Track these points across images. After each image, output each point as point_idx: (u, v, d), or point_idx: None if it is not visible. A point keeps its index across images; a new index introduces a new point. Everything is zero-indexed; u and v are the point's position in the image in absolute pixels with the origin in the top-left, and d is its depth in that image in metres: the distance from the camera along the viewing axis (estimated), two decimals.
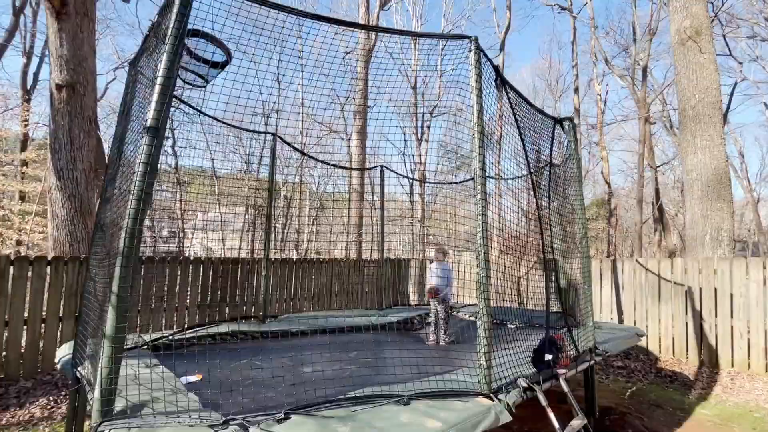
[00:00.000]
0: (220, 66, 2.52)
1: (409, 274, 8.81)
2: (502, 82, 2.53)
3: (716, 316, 5.28)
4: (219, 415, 1.60)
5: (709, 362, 5.30)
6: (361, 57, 11.86)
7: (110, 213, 2.54)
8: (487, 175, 2.25)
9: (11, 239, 12.22)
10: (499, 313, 5.16)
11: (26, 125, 13.34)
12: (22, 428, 3.44)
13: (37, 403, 3.88)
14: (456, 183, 6.00)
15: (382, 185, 5.32)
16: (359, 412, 1.69)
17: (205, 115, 3.22)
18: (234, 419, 1.55)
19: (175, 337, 3.07)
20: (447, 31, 20.34)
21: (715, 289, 5.31)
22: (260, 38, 2.43)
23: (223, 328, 3.47)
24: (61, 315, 4.51)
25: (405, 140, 20.47)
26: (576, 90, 16.34)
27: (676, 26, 6.46)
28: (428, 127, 21.18)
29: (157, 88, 1.72)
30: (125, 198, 1.91)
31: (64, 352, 2.66)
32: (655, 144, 19.02)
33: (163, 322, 5.26)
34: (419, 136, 20.30)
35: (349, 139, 13.31)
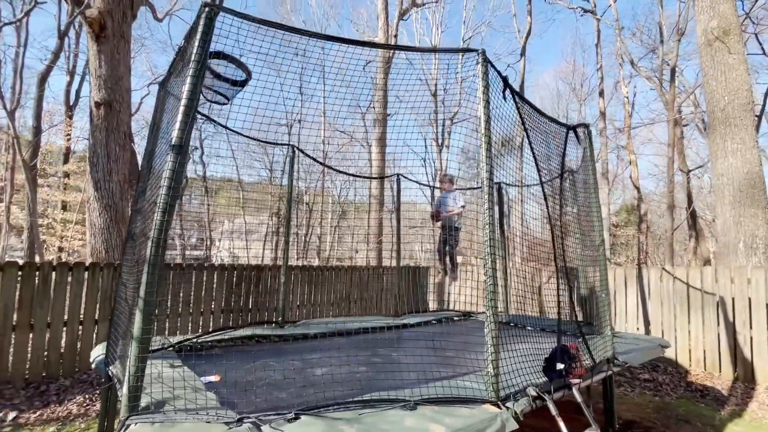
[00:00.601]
0: (240, 84, 2.68)
1: (428, 281, 8.82)
2: (511, 93, 2.56)
3: (751, 327, 5.02)
4: (234, 413, 1.71)
5: (744, 377, 5.03)
6: (380, 66, 12.06)
7: (140, 223, 2.73)
8: (507, 182, 2.28)
9: (54, 246, 13.04)
10: (520, 321, 5.11)
11: (68, 139, 14.27)
12: (60, 423, 3.69)
13: (74, 400, 4.14)
14: (470, 189, 5.99)
15: (398, 193, 5.40)
16: (366, 415, 1.76)
17: (226, 128, 3.41)
18: (248, 417, 1.65)
19: (199, 340, 3.22)
20: (467, 38, 20.37)
21: (749, 299, 5.06)
22: (286, 52, 2.57)
23: (242, 332, 3.62)
24: (96, 318, 4.80)
25: (426, 147, 20.56)
26: (601, 93, 15.95)
27: (703, 26, 6.26)
28: (449, 133, 21.18)
29: (181, 108, 1.87)
30: (153, 209, 2.07)
31: (98, 353, 2.86)
32: (689, 147, 18.26)
33: (190, 325, 5.50)
34: (440, 143, 20.32)
35: (370, 147, 13.47)
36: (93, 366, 2.85)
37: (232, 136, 5.30)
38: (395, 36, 12.73)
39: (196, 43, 1.95)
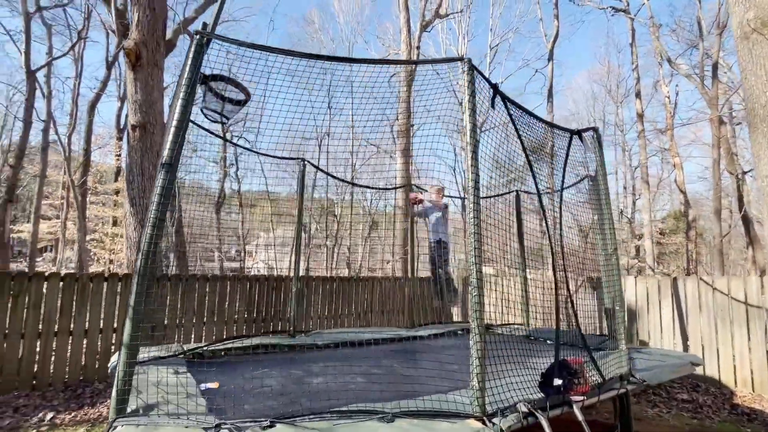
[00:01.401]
0: (241, 104, 2.83)
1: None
2: (502, 100, 2.53)
3: None
4: (213, 419, 1.77)
5: None
6: (404, 78, 12.20)
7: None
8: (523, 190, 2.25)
9: (104, 258, 14.09)
10: (542, 334, 4.90)
11: (118, 159, 15.49)
12: (90, 425, 3.95)
13: (105, 403, 4.43)
14: (492, 196, 5.86)
15: (411, 204, 5.39)
16: (341, 426, 1.76)
17: (235, 144, 3.59)
18: (225, 423, 1.71)
19: (209, 348, 3.36)
20: (494, 45, 20.16)
21: None
22: (313, 69, 2.69)
23: (252, 341, 3.73)
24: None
25: (455, 156, 20.38)
26: (638, 94, 15.17)
27: (738, 19, 5.83)
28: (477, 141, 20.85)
29: (172, 129, 2.01)
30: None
31: (115, 359, 3.05)
32: (745, 147, 16.84)
33: (214, 334, 5.73)
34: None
35: (392, 158, 13.56)
36: (109, 372, 3.04)
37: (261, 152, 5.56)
38: (418, 48, 12.85)
39: (188, 68, 2.10)
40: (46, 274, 4.83)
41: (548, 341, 4.51)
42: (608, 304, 3.99)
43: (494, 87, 2.48)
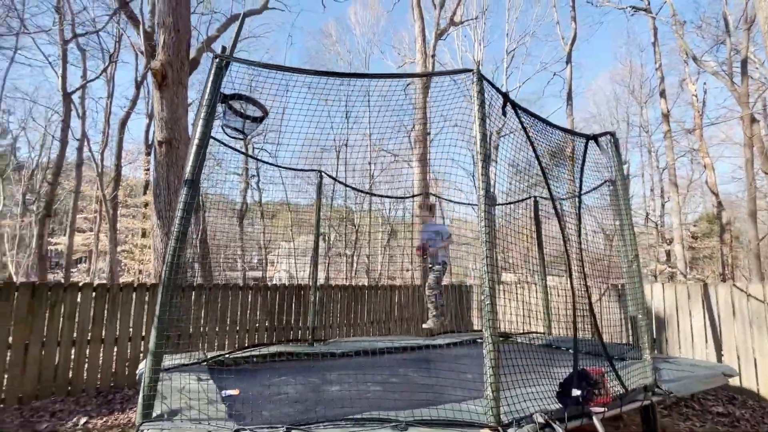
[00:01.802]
0: (259, 120, 2.95)
1: (472, 299, 8.59)
2: (513, 108, 2.54)
3: None
4: (233, 424, 1.84)
5: None
6: (420, 87, 12.28)
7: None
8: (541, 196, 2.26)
9: (134, 269, 14.67)
10: (563, 343, 4.79)
11: (146, 173, 16.17)
12: (120, 430, 4.11)
13: (134, 409, 4.59)
14: (510, 203, 5.80)
15: (431, 211, 5.41)
16: None
17: (251, 156, 3.72)
18: (243, 429, 1.77)
19: (231, 356, 3.46)
20: (511, 50, 20.04)
21: None
22: (330, 81, 2.79)
23: (272, 349, 3.81)
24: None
25: (474, 163, 20.23)
26: (662, 94, 14.72)
27: (765, 14, 5.64)
28: (496, 147, 20.70)
29: (193, 148, 2.13)
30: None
31: (143, 366, 3.19)
32: None
33: (236, 342, 5.87)
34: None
35: (410, 165, 13.61)
36: (137, 378, 3.17)
37: (281, 164, 5.73)
38: (433, 56, 12.93)
39: (208, 89, 2.22)
40: (80, 284, 5.09)
41: (569, 350, 4.40)
42: (632, 312, 3.88)
43: (504, 95, 2.50)
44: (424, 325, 3.38)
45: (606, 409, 2.36)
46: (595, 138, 3.06)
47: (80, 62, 13.06)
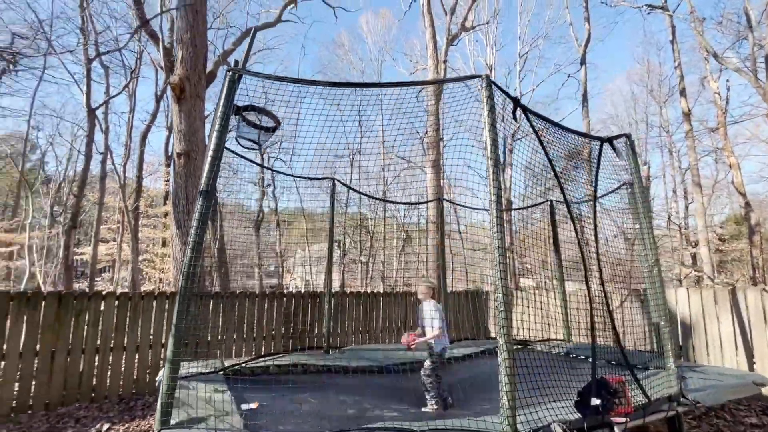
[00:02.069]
0: (272, 130, 3.00)
1: (489, 306, 8.47)
2: (524, 112, 2.52)
3: None
4: None
5: None
6: (432, 92, 12.30)
7: None
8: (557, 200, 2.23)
9: (155, 278, 15.03)
10: (583, 351, 4.67)
11: (167, 184, 16.62)
12: None
13: (155, 415, 4.68)
14: (525, 207, 5.73)
15: (441, 216, 5.39)
16: None
17: (267, 168, 3.79)
18: None
19: (247, 365, 3.50)
20: (524, 53, 19.90)
21: None
22: (342, 89, 2.83)
23: (288, 359, 3.83)
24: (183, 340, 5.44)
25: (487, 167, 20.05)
26: (682, 92, 14.34)
27: None
28: (510, 151, 20.50)
29: (208, 159, 2.18)
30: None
31: (162, 373, 3.25)
32: None
33: (253, 348, 5.94)
34: (502, 161, 19.75)
35: (423, 171, 13.59)
36: (157, 385, 3.24)
37: (295, 172, 5.80)
38: (444, 62, 12.95)
39: (221, 102, 2.28)
40: (104, 293, 5.25)
41: (589, 358, 4.28)
42: (655, 318, 3.76)
43: (515, 100, 2.48)
44: (423, 409, 2.83)
45: (628, 419, 2.28)
46: (609, 140, 3.00)
47: (104, 79, 13.64)
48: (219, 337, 5.74)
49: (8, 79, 14.57)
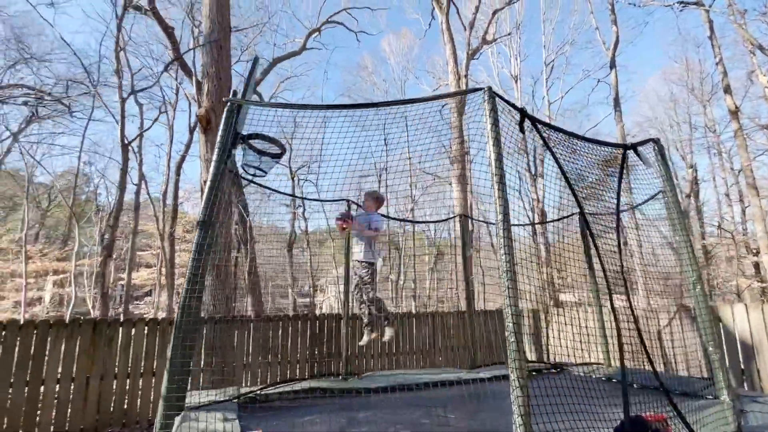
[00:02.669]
0: (277, 157, 3.01)
1: (522, 324, 8.02)
2: (532, 124, 2.37)
3: None
4: None
5: None
6: (455, 107, 12.19)
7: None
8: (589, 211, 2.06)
9: None
10: (628, 376, 4.26)
11: None
12: None
13: None
14: (553, 221, 5.41)
15: (463, 234, 5.20)
16: None
17: (273, 190, 3.82)
18: None
19: (263, 392, 3.43)
20: (549, 62, 19.46)
21: None
22: (369, 109, 2.83)
23: (305, 385, 3.74)
24: (202, 366, 5.51)
25: (520, 179, 19.53)
26: (726, 89, 13.36)
27: None
28: (542, 160, 19.84)
29: (206, 190, 2.18)
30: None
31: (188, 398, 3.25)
32: None
33: (278, 372, 5.90)
34: (533, 171, 19.16)
35: (450, 184, 13.38)
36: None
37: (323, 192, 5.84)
38: (465, 76, 12.86)
39: (220, 132, 2.30)
40: (134, 320, 5.43)
41: (633, 385, 3.88)
42: (704, 341, 3.36)
43: (521, 111, 2.33)
44: (360, 342, 3.00)
45: None
46: (633, 147, 2.76)
47: (144, 114, 14.69)
48: (244, 362, 5.75)
49: (65, 120, 16.04)
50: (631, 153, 2.72)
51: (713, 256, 16.85)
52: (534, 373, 4.81)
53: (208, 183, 2.21)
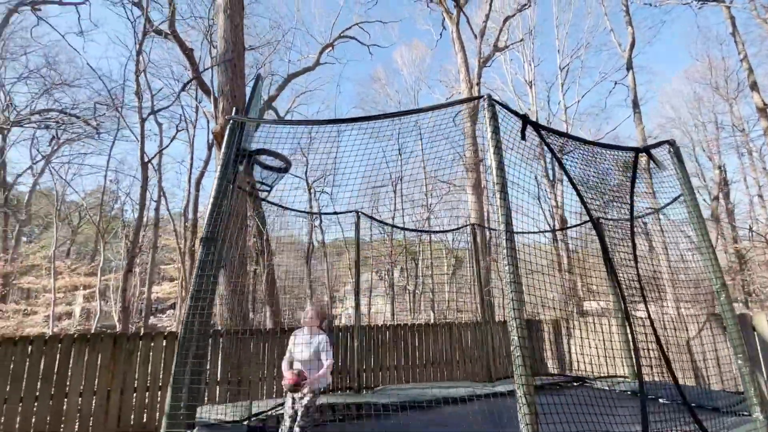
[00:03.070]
0: (283, 171, 3.05)
1: (543, 336, 7.76)
2: (536, 130, 2.31)
3: None
4: None
5: None
6: (467, 115, 12.14)
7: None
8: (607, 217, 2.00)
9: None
10: (653, 390, 4.05)
11: None
12: None
13: None
14: (569, 228, 5.26)
15: (475, 243, 5.11)
16: None
17: (281, 207, 3.85)
18: None
19: (275, 413, 3.42)
20: (564, 66, 19.21)
21: None
22: (384, 120, 2.86)
23: (319, 400, 3.70)
24: (219, 378, 5.56)
25: (538, 184, 19.17)
26: (753, 86, 12.83)
27: None
28: (560, 166, 19.40)
29: (209, 207, 2.22)
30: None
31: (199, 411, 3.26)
32: None
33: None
34: (552, 177, 18.79)
35: (465, 191, 13.25)
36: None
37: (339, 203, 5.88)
38: (477, 84, 12.82)
39: (223, 149, 2.34)
40: (153, 334, 5.54)
41: (660, 398, 3.68)
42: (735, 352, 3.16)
43: (523, 118, 2.29)
44: None
45: None
46: (646, 150, 2.65)
47: (169, 134, 15.28)
48: (260, 375, 5.77)
49: (92, 141, 16.82)
50: (635, 158, 2.61)
51: (748, 261, 15.99)
52: (554, 387, 4.63)
53: (211, 200, 2.24)
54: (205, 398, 5.42)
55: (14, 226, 17.81)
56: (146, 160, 9.32)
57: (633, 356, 2.12)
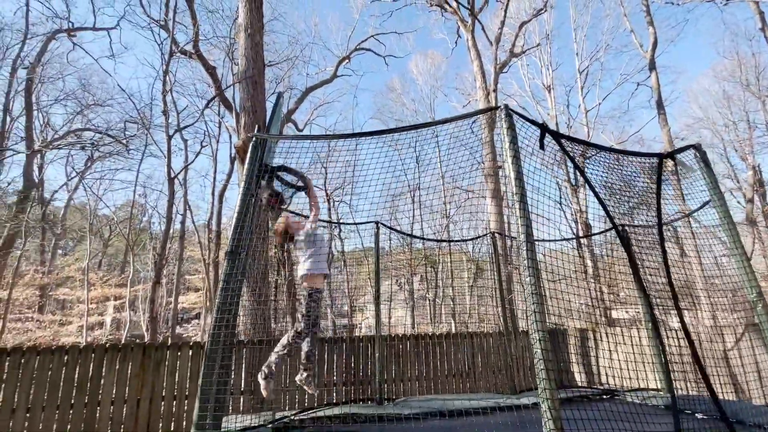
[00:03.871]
0: (300, 189, 3.13)
1: (569, 347, 7.54)
2: (555, 139, 2.29)
3: None
4: None
5: None
6: (485, 123, 12.09)
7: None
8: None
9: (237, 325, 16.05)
10: (689, 404, 3.89)
11: None
12: None
13: None
14: (593, 234, 5.13)
15: (495, 251, 5.05)
16: None
17: (304, 217, 3.93)
18: None
19: (296, 417, 3.45)
20: (583, 69, 18.89)
21: None
22: (402, 130, 2.92)
23: (339, 410, 3.72)
24: (242, 388, 5.64)
25: (560, 190, 18.79)
26: None
27: None
28: (582, 172, 18.98)
29: (233, 222, 2.29)
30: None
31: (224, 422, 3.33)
32: None
33: (315, 397, 5.91)
34: (574, 182, 18.38)
35: (484, 199, 13.11)
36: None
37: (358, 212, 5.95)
38: (494, 90, 12.76)
39: (246, 165, 2.42)
40: (179, 344, 5.70)
41: (697, 413, 3.51)
42: None
43: (541, 126, 2.28)
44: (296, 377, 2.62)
45: None
46: (670, 155, 2.58)
47: (193, 149, 15.85)
48: (282, 385, 5.82)
49: (122, 158, 17.60)
50: (660, 164, 2.55)
51: None
52: (582, 400, 4.48)
53: (235, 215, 2.32)
54: (230, 408, 5.51)
55: (51, 240, 18.74)
56: (172, 175, 9.70)
57: (664, 368, 2.05)
